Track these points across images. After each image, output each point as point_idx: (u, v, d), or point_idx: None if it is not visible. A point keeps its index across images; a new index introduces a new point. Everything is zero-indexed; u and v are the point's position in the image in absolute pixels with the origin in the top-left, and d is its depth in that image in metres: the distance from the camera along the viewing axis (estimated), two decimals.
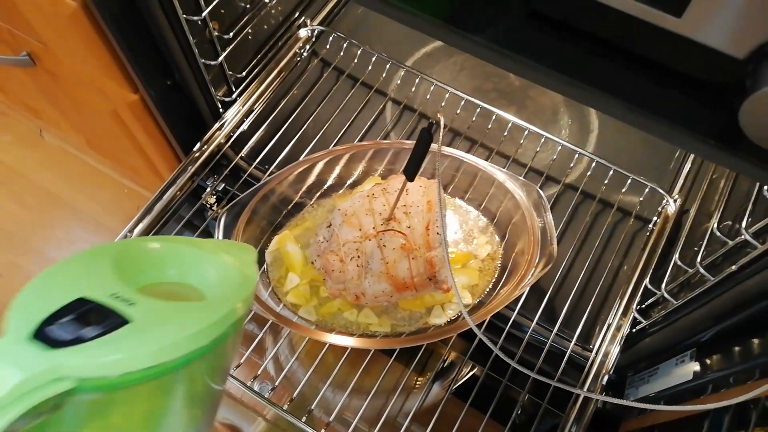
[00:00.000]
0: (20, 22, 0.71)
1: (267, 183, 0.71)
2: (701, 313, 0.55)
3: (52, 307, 0.30)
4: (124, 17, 0.61)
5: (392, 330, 0.66)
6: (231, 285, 0.39)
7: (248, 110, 0.81)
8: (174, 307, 0.35)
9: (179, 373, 0.32)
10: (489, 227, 0.73)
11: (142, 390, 0.31)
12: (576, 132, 0.86)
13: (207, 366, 0.35)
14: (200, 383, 0.36)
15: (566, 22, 0.32)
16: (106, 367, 0.29)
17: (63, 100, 0.91)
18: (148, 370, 0.30)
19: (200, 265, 0.40)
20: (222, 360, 0.37)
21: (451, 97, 0.84)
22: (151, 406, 0.33)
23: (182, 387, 0.34)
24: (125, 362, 0.29)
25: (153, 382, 0.31)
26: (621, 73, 0.34)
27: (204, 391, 0.37)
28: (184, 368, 0.32)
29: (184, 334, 0.32)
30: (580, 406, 0.64)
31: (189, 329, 0.32)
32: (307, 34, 0.88)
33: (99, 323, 0.30)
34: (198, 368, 0.34)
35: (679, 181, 0.79)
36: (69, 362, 0.28)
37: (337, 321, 0.67)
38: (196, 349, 0.32)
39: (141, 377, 0.30)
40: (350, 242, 0.63)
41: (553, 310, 0.72)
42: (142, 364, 0.30)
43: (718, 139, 0.32)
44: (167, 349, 0.31)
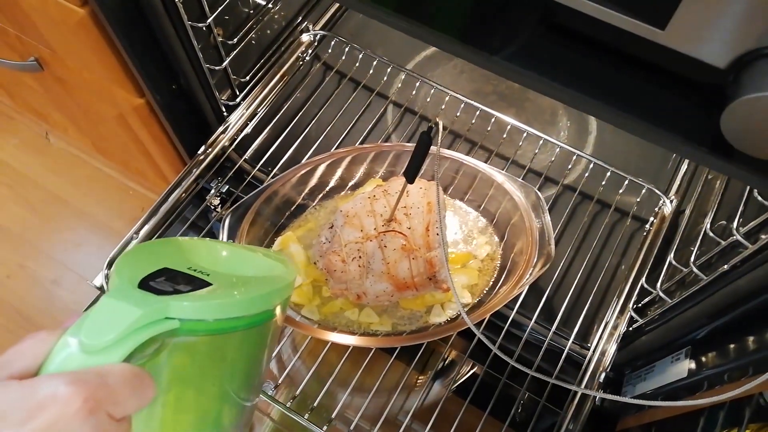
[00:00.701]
0: (29, 28, 0.72)
1: (270, 185, 0.73)
2: (695, 312, 0.57)
3: (145, 273, 0.35)
4: (130, 24, 0.63)
5: (393, 329, 0.68)
6: (278, 272, 0.45)
7: (252, 113, 0.83)
8: (241, 278, 0.41)
9: (249, 334, 0.37)
10: (488, 228, 0.74)
11: (228, 341, 0.35)
12: (574, 134, 0.87)
13: (264, 338, 0.39)
14: (256, 359, 0.40)
15: (560, 30, 0.34)
16: (204, 310, 0.33)
17: (70, 105, 0.92)
18: (236, 320, 0.35)
19: (249, 260, 0.47)
20: (270, 340, 0.41)
21: (451, 100, 0.85)
22: (230, 360, 0.36)
23: (253, 347, 0.38)
24: (219, 308, 0.34)
25: (237, 333, 0.35)
26: (615, 80, 0.35)
27: (255, 374, 0.41)
28: (254, 329, 0.37)
29: (258, 294, 0.37)
30: (577, 403, 0.65)
31: (260, 291, 0.38)
32: (310, 38, 0.90)
33: (187, 284, 0.36)
34: (259, 336, 0.39)
35: (676, 182, 0.80)
36: (174, 304, 0.32)
37: (339, 320, 0.68)
38: (266, 311, 0.37)
39: (229, 326, 0.34)
40: (352, 243, 0.65)
41: (551, 308, 0.74)
42: (232, 312, 0.34)
43: (709, 145, 0.33)
44: (251, 302, 0.36)
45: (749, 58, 0.27)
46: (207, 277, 0.38)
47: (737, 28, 0.26)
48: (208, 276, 0.38)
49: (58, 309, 1.10)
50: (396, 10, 0.37)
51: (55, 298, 1.11)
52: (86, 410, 0.25)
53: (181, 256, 0.42)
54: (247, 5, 0.78)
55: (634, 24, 0.28)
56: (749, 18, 0.26)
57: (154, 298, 0.32)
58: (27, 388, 0.26)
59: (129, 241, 0.70)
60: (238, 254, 0.47)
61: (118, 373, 0.28)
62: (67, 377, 0.26)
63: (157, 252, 0.41)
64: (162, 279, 0.36)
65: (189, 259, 0.41)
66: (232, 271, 0.43)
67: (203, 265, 0.41)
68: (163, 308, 0.31)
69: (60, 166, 1.24)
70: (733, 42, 0.27)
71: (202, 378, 0.35)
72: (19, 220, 1.18)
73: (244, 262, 0.46)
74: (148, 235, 0.72)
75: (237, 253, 0.47)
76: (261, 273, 0.44)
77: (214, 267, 0.41)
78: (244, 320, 0.35)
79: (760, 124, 0.27)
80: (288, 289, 0.42)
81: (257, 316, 0.36)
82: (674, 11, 0.27)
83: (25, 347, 0.28)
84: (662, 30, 0.28)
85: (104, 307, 0.30)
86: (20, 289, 1.12)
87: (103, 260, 0.69)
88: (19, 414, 0.25)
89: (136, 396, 0.28)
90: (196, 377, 0.35)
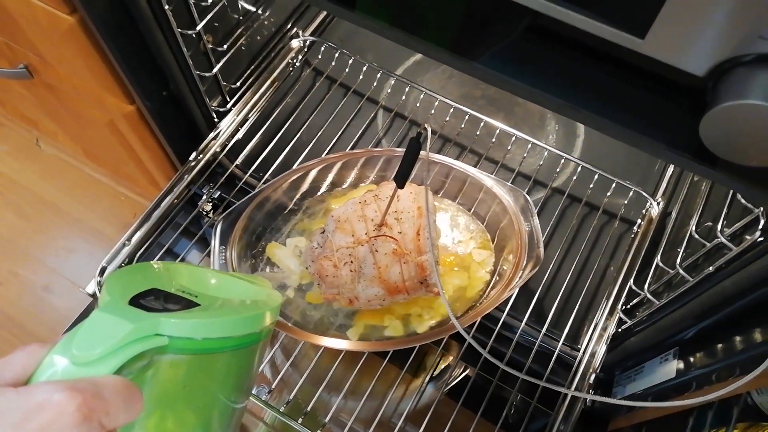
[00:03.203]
0: (18, 36, 0.72)
1: (262, 191, 0.73)
2: (682, 313, 0.57)
3: (135, 291, 0.36)
4: (120, 31, 0.63)
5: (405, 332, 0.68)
6: (262, 298, 0.46)
7: (243, 119, 0.83)
8: (228, 301, 0.42)
9: (237, 354, 0.37)
10: (482, 231, 0.75)
11: (215, 360, 0.36)
12: (563, 137, 0.88)
13: (251, 357, 0.40)
14: (248, 372, 0.40)
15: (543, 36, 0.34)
16: (193, 329, 0.33)
17: (60, 112, 0.92)
18: (224, 341, 0.35)
19: (233, 285, 0.47)
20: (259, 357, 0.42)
21: (441, 105, 0.86)
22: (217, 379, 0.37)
23: (240, 366, 0.39)
24: (209, 326, 0.34)
25: (225, 353, 0.36)
26: (599, 85, 0.36)
27: (247, 385, 0.42)
28: (245, 348, 0.38)
29: (249, 314, 0.38)
30: (568, 405, 0.66)
31: (251, 311, 0.39)
32: (300, 44, 0.90)
33: (176, 303, 0.37)
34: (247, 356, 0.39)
35: (663, 184, 0.81)
36: (165, 321, 0.32)
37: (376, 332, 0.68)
38: (255, 332, 0.38)
39: (217, 346, 0.35)
40: (343, 248, 0.65)
41: (541, 310, 0.74)
42: (220, 332, 0.35)
43: (692, 151, 0.34)
44: (239, 323, 0.37)
45: (727, 66, 0.27)
46: (195, 298, 0.39)
47: (715, 37, 0.27)
48: (196, 297, 0.39)
49: (49, 315, 1.09)
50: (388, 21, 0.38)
51: (47, 304, 1.10)
52: (80, 417, 0.26)
53: (169, 278, 0.42)
54: (236, 12, 0.78)
55: (614, 33, 0.29)
56: (726, 27, 0.26)
57: (145, 315, 0.32)
58: (22, 394, 0.26)
59: (121, 247, 0.71)
60: (223, 280, 0.48)
61: (111, 385, 0.28)
62: (61, 384, 0.26)
63: (145, 273, 0.42)
64: (151, 298, 0.36)
65: (177, 281, 0.42)
66: (219, 295, 0.43)
67: (191, 287, 0.42)
68: (154, 324, 0.32)
69: (51, 173, 1.23)
70: (711, 51, 0.27)
71: (189, 396, 0.35)
72: (10, 226, 1.18)
73: (230, 287, 0.47)
74: (141, 241, 0.72)
75: (223, 279, 0.48)
76: (247, 297, 0.46)
77: (201, 290, 0.42)
78: (232, 341, 0.36)
79: (738, 131, 0.27)
80: (274, 313, 0.42)
81: (245, 337, 0.37)
82: (653, 21, 0.27)
83: (15, 358, 0.29)
84: (642, 39, 0.28)
85: (96, 320, 0.30)
86: (12, 295, 1.11)
87: (95, 266, 0.69)
88: (14, 417, 0.25)
89: (127, 408, 0.29)
90: (183, 395, 0.35)
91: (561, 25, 0.30)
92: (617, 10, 0.28)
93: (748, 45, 0.26)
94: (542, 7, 0.30)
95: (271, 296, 0.48)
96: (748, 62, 0.27)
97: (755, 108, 0.26)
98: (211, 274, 0.49)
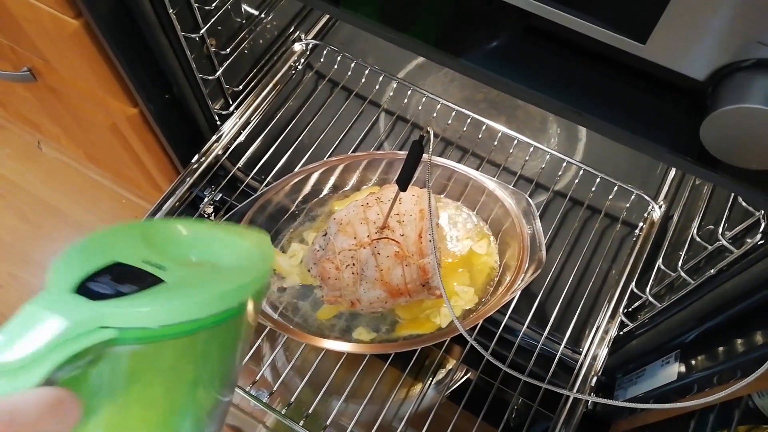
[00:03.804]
0: (23, 39, 0.73)
1: (264, 193, 0.73)
2: (683, 316, 0.57)
3: (89, 269, 0.31)
4: (124, 35, 0.63)
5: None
6: (252, 260, 0.40)
7: (245, 122, 0.83)
8: (201, 272, 0.36)
9: (211, 334, 0.33)
10: (483, 233, 0.75)
11: (177, 346, 0.31)
12: (564, 140, 0.89)
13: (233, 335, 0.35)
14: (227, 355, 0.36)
15: (545, 38, 0.35)
16: (146, 318, 0.29)
17: (63, 114, 0.92)
18: (185, 325, 0.30)
19: (221, 245, 0.41)
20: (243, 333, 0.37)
21: (443, 108, 0.86)
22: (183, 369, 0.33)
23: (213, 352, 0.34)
24: (165, 313, 0.30)
25: (187, 338, 0.31)
26: (602, 91, 0.36)
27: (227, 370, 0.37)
28: (216, 328, 0.33)
29: (217, 292, 0.33)
30: (569, 408, 0.66)
31: (221, 288, 0.33)
32: (302, 47, 0.91)
33: (135, 282, 0.31)
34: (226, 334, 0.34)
35: (664, 187, 0.81)
36: (111, 312, 0.28)
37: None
38: (227, 309, 0.33)
39: (178, 331, 0.30)
40: (345, 250, 0.65)
41: (543, 313, 0.74)
42: (180, 317, 0.30)
43: (694, 154, 0.34)
44: (202, 304, 0.31)
45: (727, 70, 0.28)
46: (162, 272, 0.33)
47: (715, 42, 0.27)
48: (165, 271, 0.34)
49: None
50: (376, 18, 0.38)
51: None
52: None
53: (141, 244, 0.36)
54: (239, 15, 0.79)
55: (616, 38, 0.29)
56: (726, 33, 0.27)
57: (87, 306, 0.28)
58: None
59: None
60: (210, 238, 0.42)
61: (33, 404, 0.24)
62: None
63: (111, 241, 0.36)
64: (107, 278, 0.31)
65: (152, 245, 0.36)
66: (202, 258, 0.39)
67: (167, 253, 0.36)
68: (96, 317, 0.28)
69: (52, 176, 1.24)
70: (711, 56, 0.28)
71: (152, 387, 0.32)
72: (11, 229, 1.18)
73: (216, 247, 0.41)
74: None
75: (209, 237, 0.42)
76: (233, 260, 0.40)
77: (176, 255, 0.37)
78: (200, 323, 0.31)
79: (738, 134, 0.27)
80: (262, 279, 0.38)
81: (219, 315, 0.32)
82: (654, 26, 0.27)
83: None
84: (643, 44, 0.29)
85: (25, 317, 0.26)
86: (12, 298, 1.11)
87: None
88: None
89: (59, 422, 0.25)
90: (144, 387, 0.31)
91: (563, 29, 0.31)
92: (619, 16, 0.28)
93: (747, 50, 0.27)
94: (545, 11, 0.30)
95: (263, 256, 0.41)
96: (748, 67, 0.27)
97: (755, 111, 0.26)
98: (194, 232, 0.42)
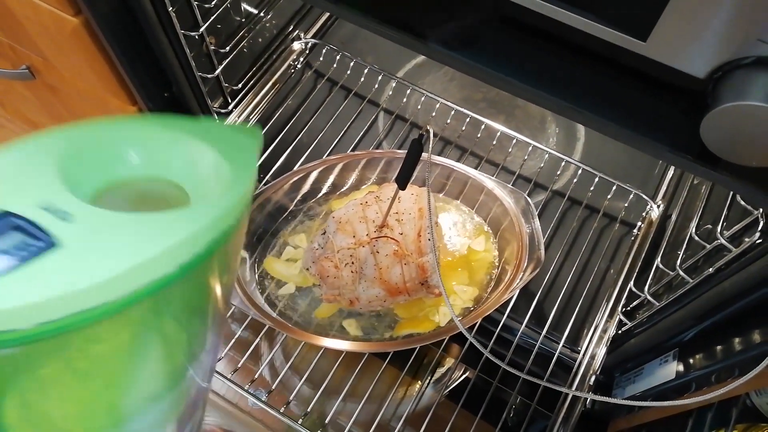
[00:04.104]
0: (22, 37, 0.73)
1: (263, 192, 0.73)
2: (682, 314, 0.58)
3: None
4: (124, 33, 0.63)
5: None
6: (222, 180, 0.29)
7: (244, 121, 0.83)
8: (129, 219, 0.25)
9: (131, 316, 0.24)
10: (482, 231, 0.75)
11: (76, 340, 0.23)
12: (563, 140, 0.89)
13: (180, 303, 0.27)
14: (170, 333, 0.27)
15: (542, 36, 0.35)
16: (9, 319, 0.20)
17: (62, 113, 0.92)
18: (71, 318, 0.21)
19: (182, 154, 0.30)
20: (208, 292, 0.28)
21: (442, 107, 0.86)
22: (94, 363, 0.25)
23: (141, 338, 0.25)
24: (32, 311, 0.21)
25: (89, 330, 0.22)
26: (602, 89, 0.36)
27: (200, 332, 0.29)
28: (137, 308, 0.24)
29: (132, 263, 0.23)
30: (568, 406, 0.66)
31: (143, 253, 0.23)
32: (301, 46, 0.91)
33: (13, 249, 0.21)
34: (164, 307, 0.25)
35: (662, 187, 0.81)
36: None
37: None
38: (154, 281, 0.23)
39: (64, 326, 0.21)
40: (344, 249, 0.65)
41: (541, 313, 0.74)
42: (61, 310, 0.21)
43: (694, 152, 0.34)
44: (102, 288, 0.22)
45: (727, 68, 0.28)
46: (64, 224, 0.23)
47: (715, 40, 0.27)
48: (69, 221, 0.23)
49: None
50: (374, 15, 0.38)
51: None
52: None
53: (51, 173, 0.26)
54: (239, 14, 0.79)
55: (617, 36, 0.29)
56: (726, 31, 0.27)
57: None
58: None
59: None
60: (167, 146, 0.30)
61: None
62: None
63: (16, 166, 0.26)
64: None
65: (74, 169, 0.26)
66: (150, 178, 0.28)
67: (89, 180, 0.27)
68: None
69: None
70: (712, 53, 0.28)
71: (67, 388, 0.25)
72: None
73: (176, 161, 0.30)
74: None
75: (166, 145, 0.30)
76: (196, 182, 0.29)
77: (112, 181, 0.27)
78: (105, 308, 0.22)
79: (738, 132, 0.28)
80: (234, 213, 0.27)
81: (139, 293, 0.23)
82: (655, 24, 0.28)
83: None
84: (644, 42, 0.29)
85: None
86: None
87: None
88: None
89: None
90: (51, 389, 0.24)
91: (565, 27, 0.31)
92: (621, 14, 0.28)
93: (747, 48, 0.27)
94: (547, 9, 0.30)
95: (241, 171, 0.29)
96: (748, 65, 0.27)
97: (754, 109, 0.26)
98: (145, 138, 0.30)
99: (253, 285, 0.70)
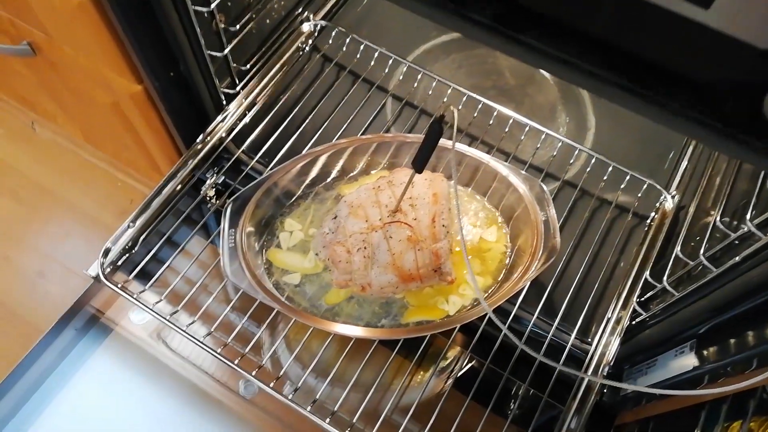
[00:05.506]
0: (24, 12, 0.70)
1: (271, 176, 0.71)
2: (702, 305, 0.57)
3: None
4: (133, 8, 0.61)
5: None
6: None
7: (250, 104, 0.81)
8: None
9: None
10: (494, 219, 0.74)
11: None
12: (573, 130, 0.88)
13: None
14: None
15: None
16: None
17: (62, 92, 0.90)
18: None
19: None
20: None
21: (453, 93, 0.84)
22: None
23: None
24: None
25: None
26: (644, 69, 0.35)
27: None
28: None
29: None
30: (581, 397, 0.65)
31: None
32: (310, 28, 0.89)
33: None
34: None
35: (676, 177, 0.80)
36: None
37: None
38: None
39: None
40: (357, 233, 0.64)
41: (552, 304, 0.73)
42: None
43: (739, 137, 0.33)
44: None
45: None
46: None
47: None
48: None
49: (43, 301, 1.07)
50: None
51: (41, 290, 1.08)
52: None
53: None
54: None
55: (678, 3, 0.28)
56: None
57: None
58: None
59: (126, 228, 0.69)
60: None
61: None
62: None
63: None
64: None
65: None
66: None
67: None
68: None
69: (46, 157, 1.21)
70: None
71: None
72: (3, 211, 1.15)
73: None
74: (143, 226, 0.71)
75: None
76: None
77: None
78: None
79: None
80: None
81: None
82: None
83: None
84: (706, 9, 0.27)
85: None
86: (4, 281, 1.09)
87: (89, 252, 0.67)
88: None
89: None
90: None
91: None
92: None
93: None
94: None
95: None
96: None
97: None
98: None
99: (261, 269, 0.68)
